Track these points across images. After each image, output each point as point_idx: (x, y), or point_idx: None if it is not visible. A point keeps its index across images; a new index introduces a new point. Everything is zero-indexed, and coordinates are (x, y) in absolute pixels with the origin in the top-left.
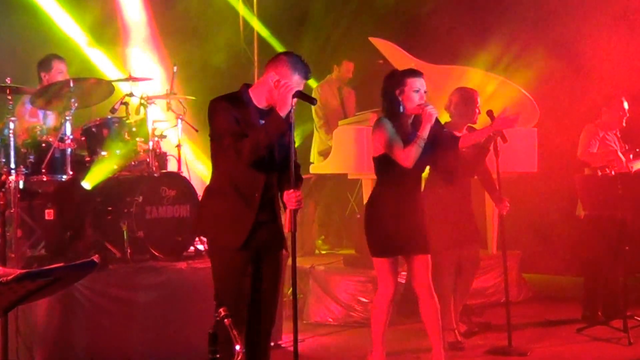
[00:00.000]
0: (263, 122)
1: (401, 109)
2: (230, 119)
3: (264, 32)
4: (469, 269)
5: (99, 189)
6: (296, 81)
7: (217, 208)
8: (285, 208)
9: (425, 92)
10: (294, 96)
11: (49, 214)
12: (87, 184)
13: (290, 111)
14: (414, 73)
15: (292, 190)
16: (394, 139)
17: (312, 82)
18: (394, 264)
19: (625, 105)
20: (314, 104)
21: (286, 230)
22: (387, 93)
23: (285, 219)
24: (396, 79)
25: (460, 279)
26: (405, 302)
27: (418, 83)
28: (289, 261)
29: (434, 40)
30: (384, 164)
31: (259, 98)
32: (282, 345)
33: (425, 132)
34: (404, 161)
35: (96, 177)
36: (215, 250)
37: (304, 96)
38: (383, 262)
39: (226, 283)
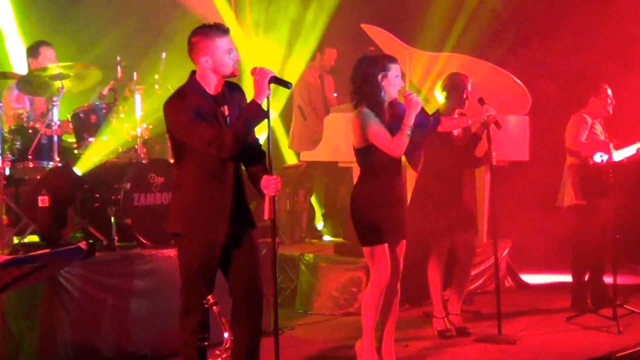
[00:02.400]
0: (223, 108)
1: (382, 95)
2: (192, 116)
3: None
4: (465, 256)
5: (86, 175)
6: (226, 43)
7: (192, 202)
8: (262, 195)
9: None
10: (269, 82)
11: (43, 201)
12: (78, 170)
13: (267, 97)
14: (393, 58)
15: (271, 176)
16: (381, 130)
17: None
18: (386, 252)
19: (609, 92)
20: (289, 88)
21: (265, 217)
22: (368, 78)
23: (264, 205)
24: (379, 64)
25: (458, 266)
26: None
27: (398, 69)
28: (279, 249)
29: (425, 28)
30: (368, 155)
31: (208, 84)
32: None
33: (410, 120)
34: (394, 151)
35: (86, 163)
36: (191, 243)
37: (279, 81)
38: (375, 250)
39: (198, 274)
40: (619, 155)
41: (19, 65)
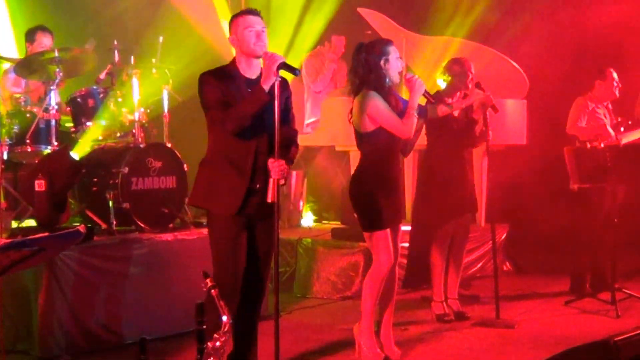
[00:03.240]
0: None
1: (387, 81)
2: (216, 91)
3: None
4: (460, 239)
5: (84, 159)
6: (248, 21)
7: (211, 178)
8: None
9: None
10: (278, 67)
11: (40, 185)
12: (75, 154)
13: (274, 82)
14: (389, 41)
15: (275, 160)
16: (390, 112)
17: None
18: (388, 237)
19: (615, 75)
20: (297, 75)
21: (268, 200)
22: (371, 66)
23: (268, 188)
24: (378, 50)
25: (453, 250)
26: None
27: (396, 50)
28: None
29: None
30: (372, 139)
31: (245, 68)
32: (268, 317)
33: (415, 101)
34: (403, 133)
35: (83, 147)
36: (212, 218)
37: (288, 67)
38: (380, 234)
39: (223, 249)
40: (626, 138)
41: (13, 49)
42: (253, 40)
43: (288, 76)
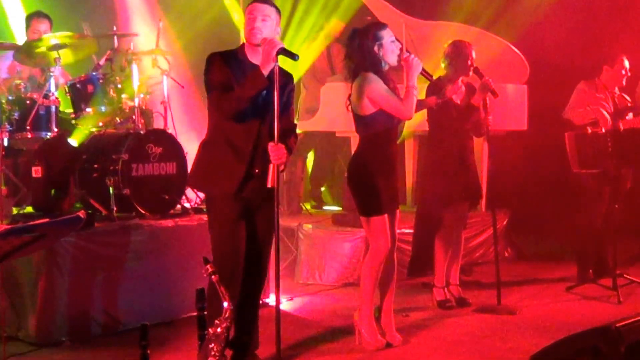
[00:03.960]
0: None
1: (382, 65)
2: (220, 73)
3: None
4: (459, 225)
5: (84, 146)
6: (252, 9)
7: (210, 160)
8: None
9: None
10: (277, 53)
11: (36, 172)
12: (74, 140)
13: (273, 67)
14: (382, 25)
15: (274, 143)
16: (390, 94)
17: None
18: (386, 222)
19: (626, 63)
20: (295, 60)
21: (268, 185)
22: (365, 52)
23: (267, 173)
24: (371, 35)
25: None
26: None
27: (391, 34)
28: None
29: None
30: (372, 122)
31: (251, 54)
32: (269, 304)
33: (414, 81)
34: (404, 113)
35: (82, 133)
36: (210, 201)
37: (287, 52)
38: (378, 220)
39: (222, 233)
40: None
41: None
42: (248, 27)
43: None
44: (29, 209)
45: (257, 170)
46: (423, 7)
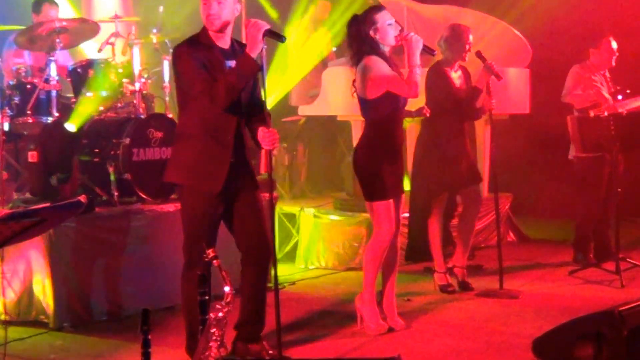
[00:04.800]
0: (229, 63)
1: (381, 47)
2: (197, 64)
3: None
4: (472, 208)
5: (85, 130)
6: None
7: (192, 153)
8: (259, 147)
9: (395, 23)
10: (263, 35)
11: (32, 156)
12: (72, 125)
13: (261, 50)
14: (377, 8)
15: (266, 129)
16: (393, 74)
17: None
18: (391, 207)
19: (614, 44)
20: (283, 41)
21: (262, 171)
22: (361, 38)
23: (260, 159)
24: (364, 20)
25: (464, 219)
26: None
27: (387, 16)
28: (277, 203)
29: None
30: (378, 106)
31: (217, 36)
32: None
33: (416, 59)
34: (409, 92)
35: (81, 118)
36: (190, 194)
37: (273, 34)
38: (383, 204)
39: (200, 227)
40: (624, 106)
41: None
42: (205, 13)
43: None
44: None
45: (239, 159)
46: None
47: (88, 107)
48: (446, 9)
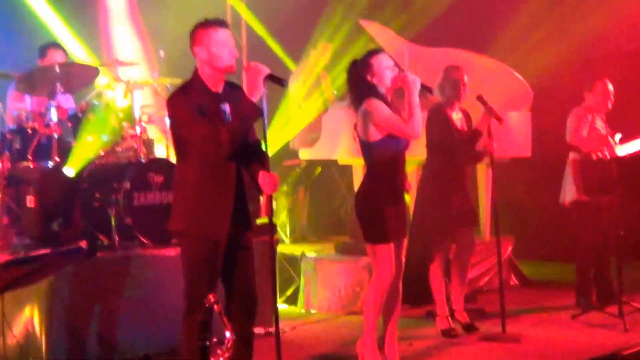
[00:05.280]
0: (224, 106)
1: (380, 91)
2: (194, 110)
3: (250, 17)
4: (465, 251)
5: (85, 175)
6: (222, 36)
7: (194, 200)
8: (260, 192)
9: (393, 65)
10: (264, 79)
11: (30, 201)
12: (71, 169)
13: (262, 94)
14: (376, 51)
15: (268, 173)
16: (394, 116)
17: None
18: (391, 251)
19: (610, 87)
20: (284, 87)
21: (263, 215)
22: (359, 83)
23: (262, 203)
24: (363, 65)
25: (457, 262)
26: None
27: (384, 59)
28: (277, 247)
29: (427, 23)
30: (380, 148)
31: (210, 81)
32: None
33: (415, 98)
34: (411, 133)
35: (79, 162)
36: (193, 240)
37: (274, 78)
38: (385, 248)
39: (201, 273)
40: (624, 150)
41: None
42: (228, 57)
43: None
44: None
45: (240, 204)
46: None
47: (86, 151)
48: (447, 51)
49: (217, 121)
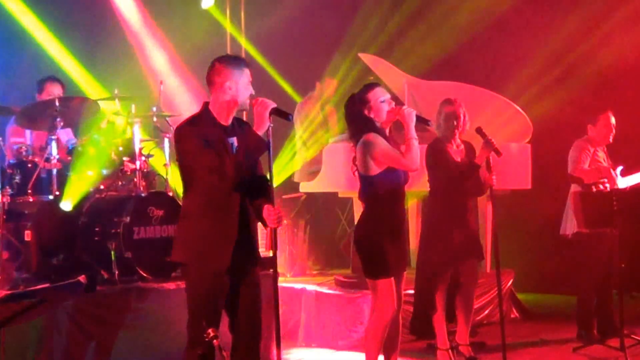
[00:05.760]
0: (231, 139)
1: (377, 124)
2: (200, 142)
3: (251, 50)
4: (469, 283)
5: (86, 209)
6: (248, 74)
7: (197, 232)
8: (265, 225)
9: (390, 98)
10: (270, 113)
11: (28, 235)
12: (68, 203)
13: (268, 128)
14: (371, 85)
15: (272, 206)
16: (392, 149)
17: (299, 98)
18: (392, 285)
19: (613, 121)
20: (289, 120)
21: (267, 249)
22: (356, 118)
23: (265, 237)
24: (360, 99)
25: (462, 295)
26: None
27: (379, 93)
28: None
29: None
30: (379, 182)
31: (220, 115)
32: None
33: (412, 131)
34: (409, 165)
35: (76, 196)
36: (196, 273)
37: (280, 112)
38: (385, 282)
39: (205, 305)
40: (625, 182)
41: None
42: (247, 94)
43: None
44: None
45: (244, 236)
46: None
47: (83, 184)
48: (445, 84)
49: (223, 153)
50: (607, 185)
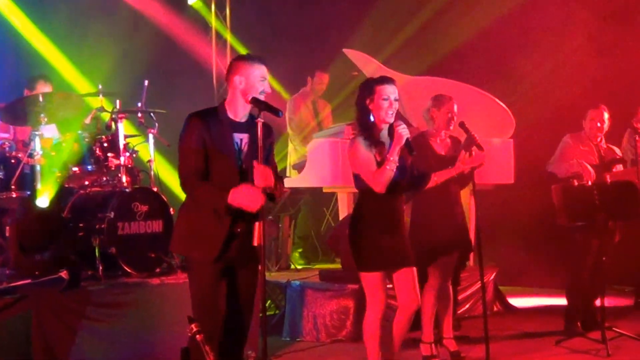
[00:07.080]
0: (240, 135)
1: (371, 119)
2: (195, 144)
3: (237, 45)
4: (445, 276)
5: (70, 204)
6: (261, 71)
7: (190, 223)
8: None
9: (396, 99)
10: (259, 109)
11: (8, 231)
12: (44, 199)
13: (259, 117)
14: (384, 80)
15: (260, 164)
16: (367, 162)
17: (287, 95)
18: (379, 280)
19: (605, 116)
20: (278, 116)
21: (254, 243)
22: (358, 103)
23: (254, 231)
24: (367, 88)
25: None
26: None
27: (387, 90)
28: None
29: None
30: (362, 179)
31: (233, 110)
32: None
33: (394, 154)
34: (374, 186)
35: (52, 191)
36: (190, 265)
37: (269, 108)
38: (370, 276)
39: (201, 297)
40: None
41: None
42: (260, 89)
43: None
44: None
45: (239, 230)
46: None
47: (74, 181)
48: (431, 80)
49: (223, 148)
50: (589, 179)
